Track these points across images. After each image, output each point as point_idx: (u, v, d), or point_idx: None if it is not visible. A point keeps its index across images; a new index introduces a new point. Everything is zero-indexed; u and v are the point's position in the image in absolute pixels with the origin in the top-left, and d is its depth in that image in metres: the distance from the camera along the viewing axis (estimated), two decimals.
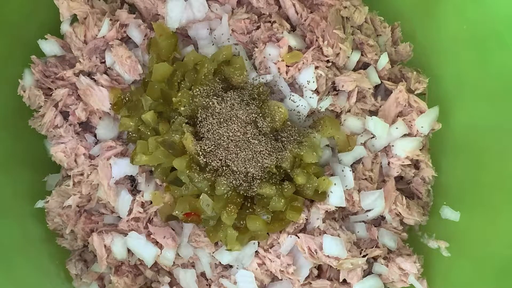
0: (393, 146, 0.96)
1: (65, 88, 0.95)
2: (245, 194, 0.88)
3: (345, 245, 0.90)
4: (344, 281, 0.94)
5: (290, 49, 0.94)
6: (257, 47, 0.96)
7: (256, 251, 0.92)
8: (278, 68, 0.94)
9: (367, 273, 0.96)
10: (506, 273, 0.88)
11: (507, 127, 0.92)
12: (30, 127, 0.97)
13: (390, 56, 0.99)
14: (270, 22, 0.97)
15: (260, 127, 0.88)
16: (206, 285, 0.96)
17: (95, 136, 0.97)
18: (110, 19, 0.95)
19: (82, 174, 0.95)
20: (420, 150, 0.96)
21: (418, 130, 0.96)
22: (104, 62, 0.97)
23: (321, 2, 0.98)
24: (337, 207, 0.92)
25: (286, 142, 0.90)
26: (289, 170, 0.89)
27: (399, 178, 1.00)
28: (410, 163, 0.97)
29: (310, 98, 0.94)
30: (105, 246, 0.94)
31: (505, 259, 0.89)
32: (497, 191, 0.92)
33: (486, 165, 0.94)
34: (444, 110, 0.98)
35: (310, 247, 0.90)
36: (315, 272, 0.94)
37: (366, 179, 0.96)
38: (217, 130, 0.87)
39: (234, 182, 0.87)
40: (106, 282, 0.98)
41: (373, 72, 0.97)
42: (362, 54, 0.97)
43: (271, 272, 0.93)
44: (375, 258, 0.95)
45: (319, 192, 0.91)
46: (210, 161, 0.87)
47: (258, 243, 0.92)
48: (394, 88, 0.97)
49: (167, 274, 0.97)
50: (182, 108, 0.89)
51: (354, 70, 0.97)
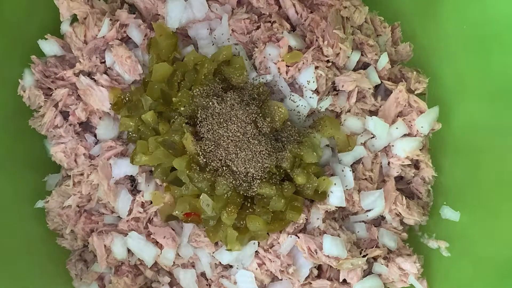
0: (393, 146, 0.96)
1: (65, 88, 0.95)
2: (245, 194, 0.88)
3: (345, 245, 0.90)
4: (344, 281, 0.94)
5: (290, 49, 0.94)
6: (257, 47, 0.96)
7: (256, 251, 0.92)
8: (278, 68, 0.94)
9: (367, 273, 0.96)
10: (506, 273, 0.88)
11: (507, 127, 0.92)
12: (30, 127, 0.97)
13: (390, 56, 0.99)
14: (270, 22, 0.97)
15: (260, 127, 0.88)
16: (206, 285, 0.96)
17: (95, 136, 0.97)
18: (110, 19, 0.95)
19: (82, 174, 0.95)
20: (420, 150, 0.96)
21: (418, 130, 0.96)
22: (104, 62, 0.97)
23: (321, 2, 0.98)
24: (337, 207, 0.92)
25: (286, 142, 0.90)
26: (289, 170, 0.89)
27: (399, 178, 1.00)
28: (410, 163, 0.97)
29: (310, 98, 0.94)
30: (105, 246, 0.94)
31: (505, 259, 0.89)
32: (497, 191, 0.92)
33: (486, 165, 0.94)
34: (444, 110, 0.98)
35: (310, 247, 0.90)
36: (315, 272, 0.94)
37: (366, 179, 0.96)
38: (217, 130, 0.87)
39: (234, 182, 0.87)
40: (106, 282, 0.98)
41: (373, 72, 0.97)
42: (362, 54, 0.97)
43: (271, 272, 0.92)
44: (375, 258, 0.95)
45: (319, 192, 0.91)
46: (210, 161, 0.87)
47: (258, 243, 0.92)
48: (394, 88, 0.97)
49: (167, 274, 0.97)
50: (182, 108, 0.89)
51: (354, 70, 0.97)
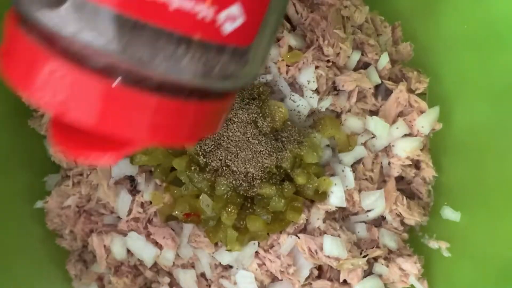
0: (393, 146, 0.96)
1: None
2: (245, 195, 0.88)
3: (345, 245, 0.90)
4: (344, 281, 0.93)
5: (290, 48, 0.94)
6: None
7: (256, 252, 0.92)
8: (278, 68, 0.94)
9: (368, 273, 0.95)
10: (507, 273, 0.88)
11: (508, 127, 0.92)
12: (29, 127, 0.97)
13: (391, 55, 0.99)
14: None
15: (260, 127, 0.88)
16: (206, 285, 0.96)
17: None
18: None
19: (81, 174, 0.95)
20: (420, 150, 0.96)
21: (418, 130, 0.96)
22: None
23: (321, 2, 0.97)
24: (337, 207, 0.92)
25: (286, 142, 0.89)
26: (289, 170, 0.89)
27: (400, 178, 1.00)
28: (411, 163, 0.97)
29: (311, 98, 0.93)
30: (104, 246, 0.94)
31: (506, 260, 0.89)
32: (498, 191, 0.92)
33: (487, 165, 0.94)
34: (444, 110, 0.98)
35: (310, 248, 0.90)
36: (315, 272, 0.94)
37: (366, 179, 0.95)
38: None
39: (234, 182, 0.86)
40: (106, 282, 0.97)
41: (373, 72, 0.97)
42: (362, 54, 0.97)
43: (271, 272, 0.92)
44: (376, 259, 0.95)
45: (320, 192, 0.91)
46: (210, 161, 0.87)
47: (258, 244, 0.92)
48: (395, 88, 0.96)
49: (167, 274, 0.97)
50: None
51: (355, 70, 0.97)
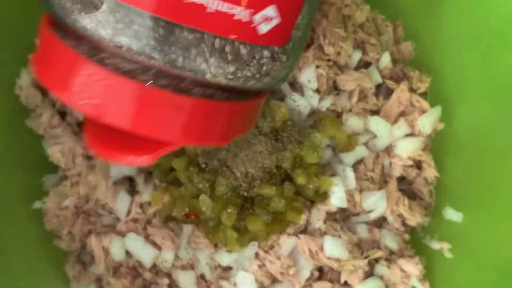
0: (395, 146, 0.96)
1: None
2: (245, 195, 0.87)
3: (346, 246, 0.89)
4: (345, 283, 0.93)
5: None
6: None
7: (256, 253, 0.91)
8: None
9: (369, 274, 0.95)
10: (509, 274, 0.88)
11: (510, 127, 0.92)
12: (27, 127, 0.96)
13: (392, 55, 0.99)
14: None
15: (260, 127, 0.88)
16: (206, 287, 0.95)
17: None
18: None
19: (79, 175, 0.95)
20: (422, 150, 0.96)
21: (420, 130, 0.95)
22: None
23: (322, 1, 0.97)
24: (338, 208, 0.92)
25: (286, 142, 0.89)
26: (289, 170, 0.88)
27: (401, 179, 1.00)
28: (412, 164, 0.97)
29: (311, 97, 0.93)
30: (103, 247, 0.93)
31: (508, 261, 0.88)
32: (500, 192, 0.92)
33: (489, 165, 0.94)
34: (446, 110, 0.97)
35: (310, 249, 0.90)
36: (316, 273, 0.94)
37: (367, 180, 0.95)
38: None
39: (234, 182, 0.86)
40: (104, 283, 0.97)
41: (374, 71, 0.97)
42: (363, 53, 0.96)
43: (271, 273, 0.92)
44: (377, 260, 0.94)
45: (320, 192, 0.90)
46: (210, 161, 0.86)
47: (258, 244, 0.91)
48: (396, 87, 0.96)
49: (166, 275, 0.96)
50: None
51: (356, 69, 0.97)
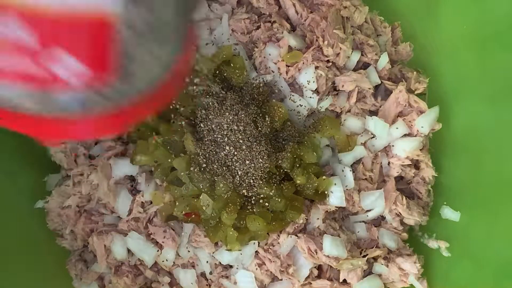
0: (393, 146, 0.96)
1: None
2: (245, 194, 0.88)
3: (345, 245, 0.90)
4: (344, 281, 0.94)
5: (290, 49, 0.94)
6: (257, 47, 0.95)
7: (256, 251, 0.92)
8: (278, 68, 0.94)
9: (367, 273, 0.95)
10: (506, 273, 0.88)
11: (508, 127, 0.92)
12: None
13: (390, 56, 0.99)
14: (270, 22, 0.97)
15: (260, 127, 0.88)
16: (206, 285, 0.96)
17: None
18: None
19: (82, 174, 0.95)
20: (420, 150, 0.96)
21: (418, 130, 0.96)
22: None
23: (321, 2, 0.98)
24: (337, 207, 0.92)
25: (286, 142, 0.90)
26: (289, 170, 0.89)
27: (399, 178, 1.00)
28: (410, 163, 0.97)
29: (310, 98, 0.94)
30: (105, 246, 0.94)
31: (505, 259, 0.89)
32: (497, 191, 0.92)
33: (486, 165, 0.94)
34: (444, 110, 0.98)
35: (310, 247, 0.90)
36: (315, 272, 0.94)
37: (366, 179, 0.96)
38: (217, 130, 0.87)
39: (234, 182, 0.87)
40: (106, 282, 0.97)
41: (373, 72, 0.97)
42: (362, 54, 0.97)
43: (271, 272, 0.92)
44: (375, 258, 0.95)
45: (319, 192, 0.91)
46: (210, 161, 0.87)
47: (258, 243, 0.92)
48: (394, 88, 0.97)
49: (167, 274, 0.97)
50: (182, 108, 0.89)
51: (354, 70, 0.97)
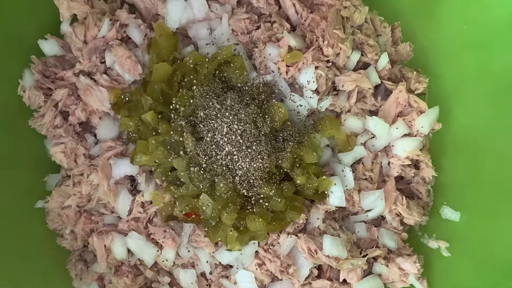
0: (393, 146, 0.96)
1: (65, 88, 0.95)
2: (245, 194, 0.88)
3: (345, 245, 0.90)
4: (344, 281, 0.94)
5: (290, 49, 0.94)
6: (257, 47, 0.96)
7: (256, 251, 0.92)
8: (278, 68, 0.94)
9: (367, 273, 0.96)
10: (506, 273, 0.88)
11: (508, 127, 0.92)
12: (30, 127, 0.97)
13: (390, 56, 0.99)
14: (270, 22, 0.97)
15: (260, 127, 0.88)
16: (206, 285, 0.96)
17: (95, 136, 0.97)
18: (110, 19, 0.95)
19: (82, 174, 0.95)
20: (420, 150, 0.96)
21: (418, 130, 0.96)
22: (104, 62, 0.97)
23: (321, 2, 0.98)
24: (337, 207, 0.93)
25: (286, 142, 0.90)
26: (289, 170, 0.89)
27: (399, 178, 1.00)
28: (410, 163, 0.97)
29: (310, 98, 0.94)
30: (105, 246, 0.94)
31: (505, 259, 0.89)
32: (497, 191, 0.92)
33: (486, 165, 0.94)
34: (444, 110, 0.98)
35: (310, 247, 0.90)
36: (315, 272, 0.94)
37: (366, 179, 0.96)
38: (217, 130, 0.87)
39: (234, 182, 0.87)
40: (106, 282, 0.98)
41: (373, 72, 0.97)
42: (362, 54, 0.97)
43: (271, 272, 0.92)
44: (375, 258, 0.95)
45: (319, 192, 0.91)
46: (210, 161, 0.87)
47: (258, 243, 0.92)
48: (394, 88, 0.97)
49: (167, 274, 0.97)
50: (182, 108, 0.89)
51: (354, 70, 0.97)
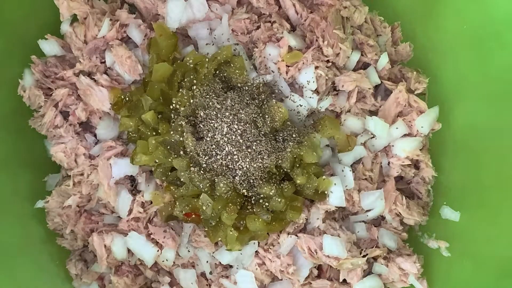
0: (393, 146, 0.96)
1: (65, 88, 0.95)
2: (245, 194, 0.88)
3: (345, 245, 0.90)
4: (344, 281, 0.94)
5: (290, 49, 0.94)
6: (257, 47, 0.96)
7: (256, 251, 0.92)
8: (278, 68, 0.94)
9: (367, 273, 0.96)
10: (506, 273, 0.88)
11: (507, 127, 0.92)
12: (30, 127, 0.97)
13: (390, 56, 0.99)
14: (270, 22, 0.97)
15: (260, 127, 0.88)
16: (206, 285, 0.96)
17: (95, 136, 0.97)
18: (110, 19, 0.95)
19: (82, 174, 0.95)
20: (420, 150, 0.96)
21: (418, 130, 0.96)
22: (104, 62, 0.97)
23: (321, 2, 0.98)
24: (337, 207, 0.93)
25: (286, 142, 0.90)
26: (289, 170, 0.89)
27: (399, 178, 1.00)
28: (410, 163, 0.97)
29: (310, 98, 0.94)
30: (105, 246, 0.94)
31: (505, 259, 0.89)
32: (497, 191, 0.92)
33: (486, 165, 0.94)
34: (444, 110, 0.98)
35: (310, 247, 0.90)
36: (315, 272, 0.94)
37: (366, 179, 0.96)
38: (217, 130, 0.87)
39: (234, 182, 0.87)
40: (106, 282, 0.98)
41: (373, 72, 0.98)
42: (362, 54, 0.97)
43: (271, 272, 0.93)
44: (375, 258, 0.95)
45: (319, 192, 0.91)
46: (210, 161, 0.87)
47: (258, 243, 0.92)
48: (394, 88, 0.97)
49: (167, 274, 0.97)
50: (182, 108, 0.89)
51: (354, 70, 0.97)
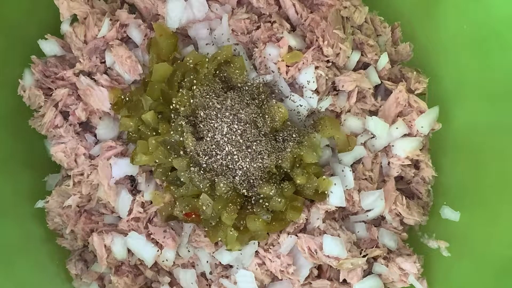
0: (393, 146, 0.96)
1: (65, 88, 0.95)
2: (245, 194, 0.88)
3: (345, 245, 0.90)
4: (344, 281, 0.94)
5: (290, 49, 0.94)
6: (257, 47, 0.96)
7: (256, 251, 0.92)
8: (278, 68, 0.94)
9: (367, 273, 0.96)
10: (506, 273, 0.88)
11: (507, 127, 0.92)
12: (30, 127, 0.97)
13: (390, 56, 0.99)
14: (270, 22, 0.97)
15: (260, 127, 0.88)
16: (206, 285, 0.96)
17: (95, 136, 0.97)
18: (110, 19, 0.95)
19: (82, 174, 0.95)
20: (420, 150, 0.96)
21: (418, 130, 0.96)
22: (104, 62, 0.97)
23: (321, 2, 0.98)
24: (337, 207, 0.92)
25: (286, 142, 0.90)
26: (289, 170, 0.89)
27: (399, 178, 1.00)
28: (410, 163, 0.97)
29: (310, 98, 0.94)
30: (105, 246, 0.94)
31: (505, 259, 0.89)
32: (497, 191, 0.92)
33: (486, 165, 0.94)
34: (444, 110, 0.98)
35: (310, 247, 0.90)
36: (315, 272, 0.94)
37: (366, 179, 0.96)
38: (217, 130, 0.87)
39: (234, 182, 0.87)
40: (106, 282, 0.98)
41: (373, 72, 0.98)
42: (362, 54, 0.97)
43: (271, 272, 0.93)
44: (375, 258, 0.95)
45: (319, 192, 0.91)
46: (210, 161, 0.87)
47: (258, 243, 0.92)
48: (394, 88, 0.97)
49: (167, 274, 0.97)
50: (182, 108, 0.89)
51: (354, 70, 0.97)
